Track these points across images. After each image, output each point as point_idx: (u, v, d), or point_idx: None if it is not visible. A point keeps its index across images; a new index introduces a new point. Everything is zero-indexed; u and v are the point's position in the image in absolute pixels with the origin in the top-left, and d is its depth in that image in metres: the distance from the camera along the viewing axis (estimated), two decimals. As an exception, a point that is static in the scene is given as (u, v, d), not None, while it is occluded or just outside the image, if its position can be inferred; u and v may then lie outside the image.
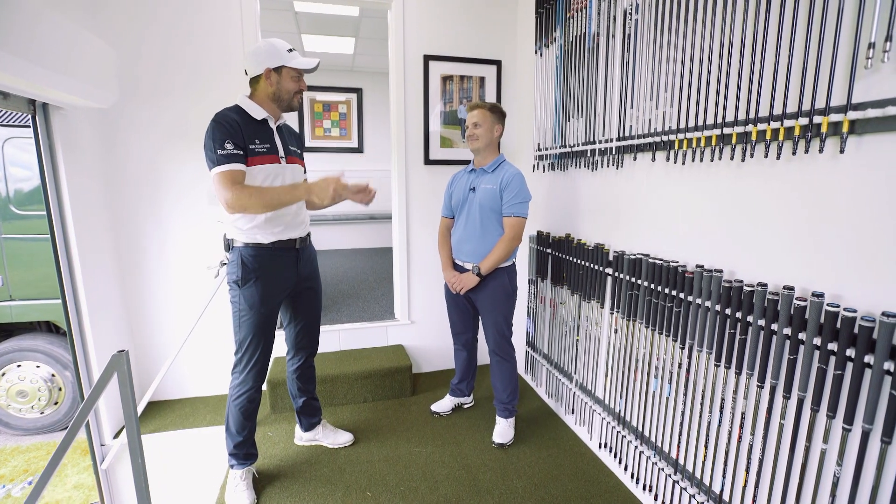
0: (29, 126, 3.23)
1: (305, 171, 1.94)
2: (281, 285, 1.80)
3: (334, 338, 2.85)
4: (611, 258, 1.95)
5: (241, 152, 1.61)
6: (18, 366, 3.42)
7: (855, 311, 1.06)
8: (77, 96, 1.91)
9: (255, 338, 1.75)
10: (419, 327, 2.97)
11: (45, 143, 1.96)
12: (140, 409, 2.18)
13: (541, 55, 2.50)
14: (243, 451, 1.87)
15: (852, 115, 1.05)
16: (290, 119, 5.42)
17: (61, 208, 2.03)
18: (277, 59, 1.67)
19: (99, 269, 2.25)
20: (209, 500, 1.89)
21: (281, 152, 1.74)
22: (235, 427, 1.83)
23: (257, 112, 1.69)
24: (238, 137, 1.60)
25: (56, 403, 3.47)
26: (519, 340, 2.86)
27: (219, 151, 1.57)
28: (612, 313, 1.96)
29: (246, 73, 1.74)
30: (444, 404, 2.53)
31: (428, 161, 2.80)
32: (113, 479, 2.25)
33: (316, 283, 2.00)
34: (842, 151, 1.09)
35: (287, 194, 1.64)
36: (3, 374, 3.39)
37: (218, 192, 1.59)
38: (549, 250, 2.47)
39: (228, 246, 1.76)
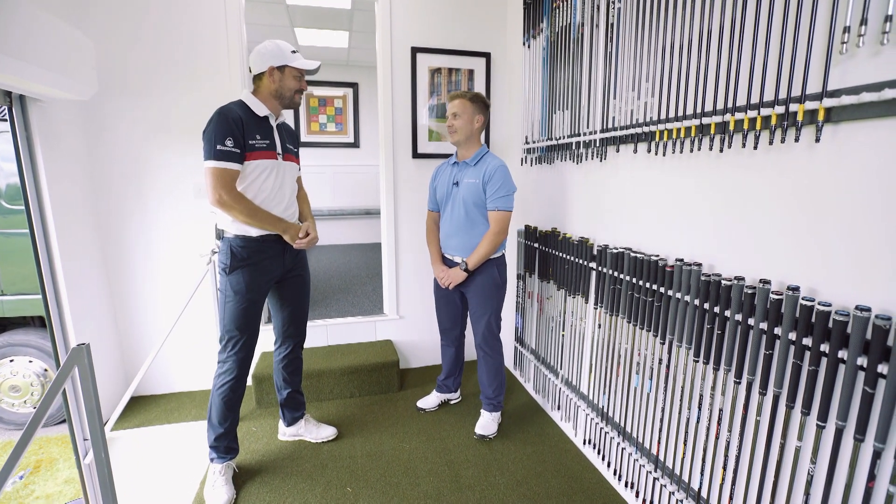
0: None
1: (300, 169, 2.01)
2: (267, 275, 1.85)
3: (322, 332, 2.83)
4: (595, 252, 1.92)
5: (239, 151, 1.67)
6: (11, 360, 3.43)
7: (829, 306, 1.03)
8: (54, 88, 1.89)
9: (239, 324, 1.78)
10: (408, 322, 2.95)
11: (23, 136, 1.95)
12: (124, 403, 2.17)
13: (528, 47, 2.46)
14: (224, 443, 1.86)
15: (828, 102, 1.01)
16: (287, 113, 5.39)
17: (40, 201, 2.02)
18: (281, 59, 1.75)
19: (81, 264, 2.24)
20: (188, 495, 1.88)
21: (278, 149, 1.81)
22: (217, 417, 1.84)
23: (260, 108, 1.76)
24: (239, 134, 1.66)
25: (48, 398, 3.48)
26: (508, 335, 2.84)
27: (217, 146, 1.62)
28: (596, 308, 1.93)
29: (250, 71, 1.80)
30: (430, 401, 2.51)
31: (416, 155, 2.77)
32: (96, 474, 2.25)
33: (304, 271, 2.03)
34: (817, 140, 1.05)
35: (269, 221, 1.76)
36: (-5, 369, 3.40)
37: (209, 186, 1.65)
38: (536, 245, 2.44)
39: (219, 235, 1.81)
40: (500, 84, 2.85)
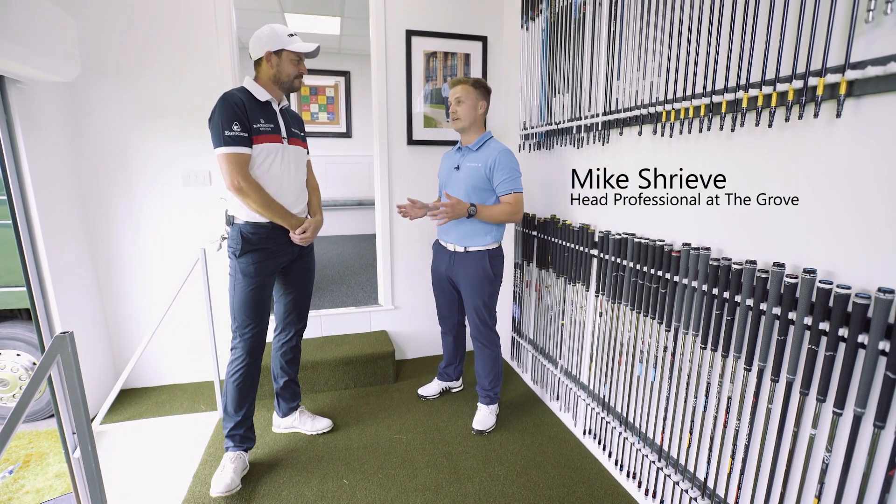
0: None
1: (308, 153, 1.99)
2: (276, 259, 1.84)
3: (316, 323, 2.78)
4: (596, 239, 1.87)
5: (247, 134, 1.67)
6: (-2, 354, 3.34)
7: (849, 288, 0.99)
8: (35, 68, 1.80)
9: (248, 308, 1.78)
10: (403, 313, 2.89)
11: (2, 121, 1.86)
12: (113, 396, 2.11)
13: (527, 29, 2.39)
14: (240, 432, 1.86)
15: (851, 74, 0.96)
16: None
17: (22, 188, 1.94)
18: (278, 43, 1.74)
19: (66, 254, 2.17)
20: (181, 490, 1.82)
21: (283, 133, 1.80)
22: (232, 406, 1.83)
23: (261, 94, 1.76)
24: (244, 118, 1.66)
25: (39, 392, 3.40)
26: (505, 326, 2.80)
27: (226, 132, 1.63)
28: (598, 296, 1.89)
29: (250, 57, 1.79)
30: (431, 388, 2.47)
31: (411, 141, 2.70)
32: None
33: (309, 258, 2.01)
34: (838, 116, 1.00)
35: (280, 215, 1.77)
36: (-19, 363, 3.31)
37: (225, 172, 1.66)
38: (534, 232, 2.39)
39: (230, 221, 1.80)
40: (497, 68, 2.78)
